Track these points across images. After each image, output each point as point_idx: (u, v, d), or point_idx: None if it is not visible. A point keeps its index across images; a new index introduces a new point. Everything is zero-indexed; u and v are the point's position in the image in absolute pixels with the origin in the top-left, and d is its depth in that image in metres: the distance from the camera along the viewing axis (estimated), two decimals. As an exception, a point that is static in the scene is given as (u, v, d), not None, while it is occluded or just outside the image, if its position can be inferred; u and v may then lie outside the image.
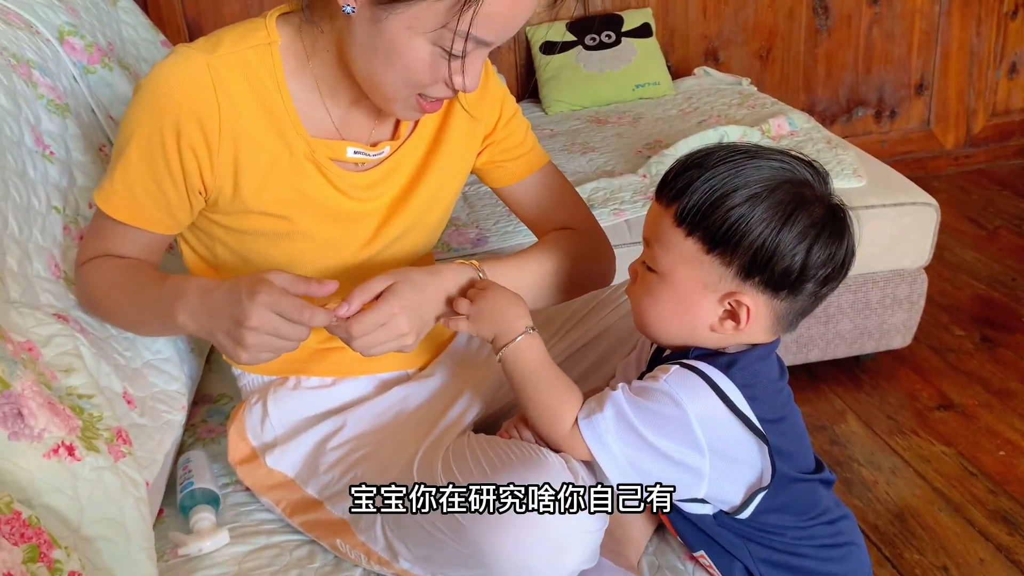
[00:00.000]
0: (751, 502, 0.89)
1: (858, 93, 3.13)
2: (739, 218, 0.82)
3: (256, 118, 0.96)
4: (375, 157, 1.04)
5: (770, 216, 0.82)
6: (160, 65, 0.95)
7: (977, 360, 2.18)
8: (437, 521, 0.91)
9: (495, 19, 0.86)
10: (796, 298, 0.86)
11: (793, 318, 0.89)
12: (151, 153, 0.95)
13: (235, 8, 2.62)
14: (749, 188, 0.82)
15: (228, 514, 1.11)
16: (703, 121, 2.45)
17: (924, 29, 3.08)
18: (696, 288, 0.86)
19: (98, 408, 0.90)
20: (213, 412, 1.33)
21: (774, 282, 0.84)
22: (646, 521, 1.07)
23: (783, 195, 0.83)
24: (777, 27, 2.98)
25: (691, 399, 0.85)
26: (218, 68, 0.93)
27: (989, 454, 1.86)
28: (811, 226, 0.83)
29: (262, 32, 0.97)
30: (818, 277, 0.85)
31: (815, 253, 0.83)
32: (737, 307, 0.85)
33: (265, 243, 1.02)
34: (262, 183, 0.98)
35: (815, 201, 0.84)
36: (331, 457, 1.07)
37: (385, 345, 0.93)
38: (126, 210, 0.99)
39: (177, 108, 0.93)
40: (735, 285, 0.85)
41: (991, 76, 3.19)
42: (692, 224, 0.84)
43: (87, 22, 1.45)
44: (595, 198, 2.02)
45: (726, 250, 0.83)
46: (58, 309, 1.02)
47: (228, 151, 0.96)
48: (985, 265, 2.60)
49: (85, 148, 1.24)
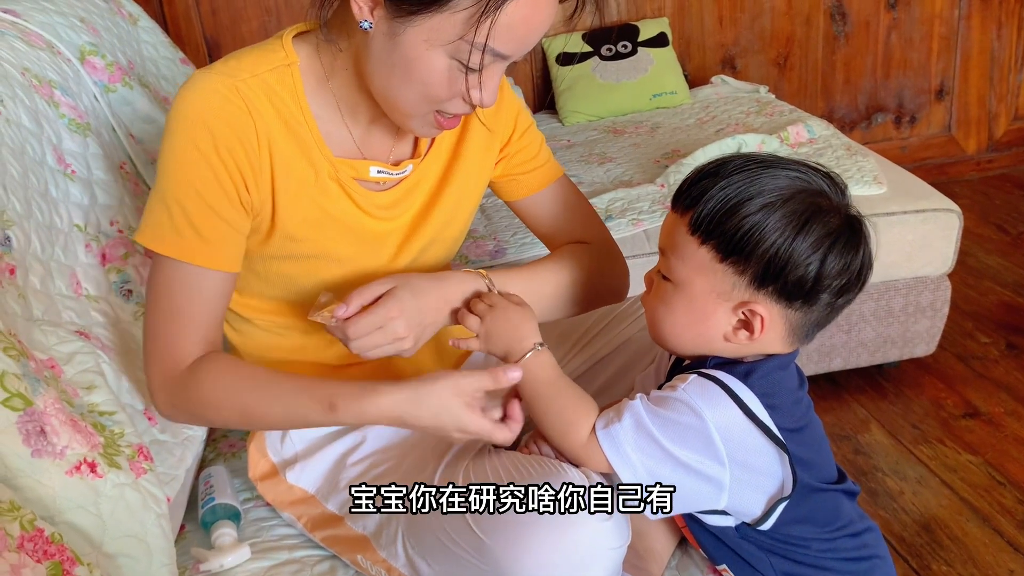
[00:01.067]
0: (772, 512, 0.88)
1: (877, 99, 3.11)
2: (753, 226, 0.82)
3: (283, 139, 0.96)
4: (397, 176, 1.04)
5: (784, 225, 0.81)
6: (186, 94, 0.92)
7: (1003, 367, 2.15)
8: (458, 538, 0.90)
9: (513, 31, 0.86)
10: (811, 308, 0.86)
11: (809, 329, 0.88)
12: (202, 181, 0.92)
13: (253, 26, 2.65)
14: (764, 197, 0.82)
15: (249, 529, 1.11)
16: (721, 130, 2.44)
17: (943, 34, 3.05)
18: (710, 297, 0.86)
19: (119, 425, 0.90)
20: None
21: (788, 291, 0.83)
22: (668, 535, 1.06)
23: (798, 204, 0.82)
24: (794, 34, 2.97)
25: (710, 408, 0.84)
26: (244, 92, 0.93)
27: (1017, 463, 1.83)
28: (826, 236, 0.82)
29: (280, 53, 0.97)
30: (833, 287, 0.84)
31: (830, 263, 0.83)
32: (751, 316, 0.85)
33: (289, 265, 1.02)
34: (292, 204, 0.98)
35: (831, 211, 0.84)
36: (351, 473, 1.07)
37: (382, 348, 0.94)
38: (198, 252, 0.93)
39: (215, 129, 0.91)
40: (749, 294, 0.84)
41: (1012, 80, 3.16)
42: (706, 232, 0.84)
43: (108, 41, 1.47)
44: (613, 208, 2.01)
45: (740, 258, 0.83)
46: (79, 326, 1.03)
47: (266, 170, 0.95)
48: (1010, 271, 2.57)
49: (106, 167, 1.25)
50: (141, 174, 1.35)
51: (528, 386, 0.93)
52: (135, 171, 1.34)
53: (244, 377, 0.96)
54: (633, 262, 1.90)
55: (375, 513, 1.02)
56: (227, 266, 0.96)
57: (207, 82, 0.93)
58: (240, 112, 0.92)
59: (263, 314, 1.07)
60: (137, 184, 1.32)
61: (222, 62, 0.96)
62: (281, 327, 1.08)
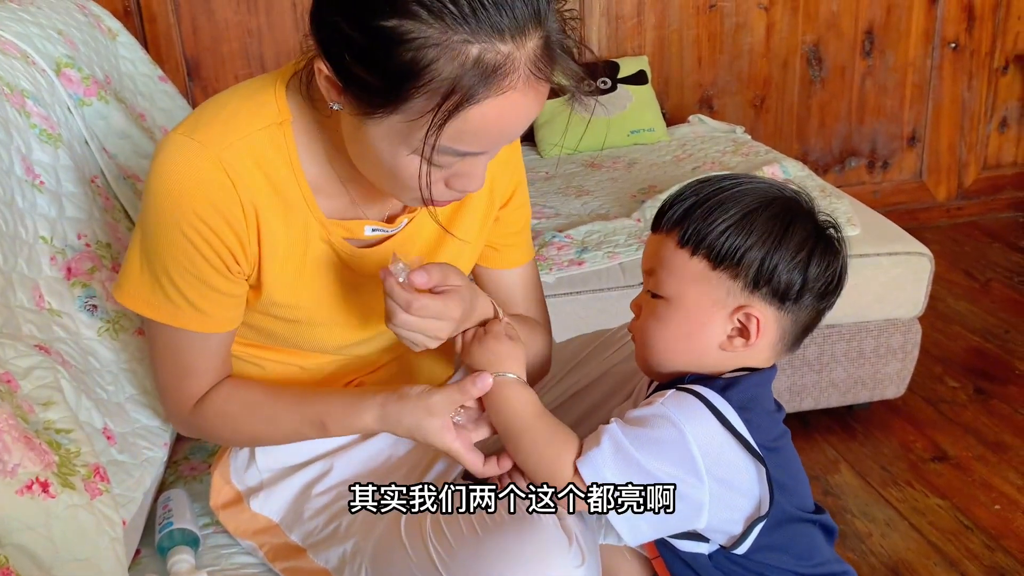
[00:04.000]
0: (749, 533, 0.87)
1: (851, 143, 3.16)
2: (741, 231, 0.85)
3: (272, 207, 0.91)
4: (391, 232, 1.00)
5: (770, 228, 0.85)
6: (167, 167, 0.88)
7: (971, 412, 2.16)
8: (419, 573, 0.89)
9: (483, 133, 0.80)
10: (799, 311, 0.88)
11: (796, 334, 0.91)
12: (190, 261, 0.90)
13: (234, 47, 2.64)
14: (746, 204, 0.86)
15: (208, 556, 1.08)
16: (697, 168, 2.46)
17: (916, 82, 3.12)
18: (706, 306, 0.87)
19: (76, 443, 0.87)
20: (196, 449, 1.30)
21: (780, 292, 0.86)
22: (639, 569, 1.04)
23: (777, 208, 0.87)
24: (771, 77, 3.02)
25: (688, 421, 0.84)
26: (231, 162, 0.88)
27: (984, 508, 1.84)
28: (807, 238, 0.87)
29: (272, 109, 0.91)
30: (818, 289, 0.88)
31: (814, 263, 0.86)
32: (747, 320, 0.87)
33: (276, 323, 1.00)
34: (279, 273, 0.95)
35: (807, 215, 0.89)
36: (316, 503, 1.04)
37: (419, 336, 0.90)
38: (196, 321, 0.93)
39: (198, 209, 0.87)
40: (744, 298, 0.87)
41: (982, 130, 3.22)
42: (696, 243, 0.86)
43: (85, 55, 1.45)
44: (589, 241, 2.02)
45: (732, 263, 0.85)
46: (40, 340, 1.00)
47: (253, 241, 0.92)
48: (978, 317, 2.60)
49: (76, 179, 1.22)
50: (112, 188, 1.33)
51: (502, 418, 0.92)
52: (106, 185, 1.32)
53: (244, 405, 1.00)
54: (608, 295, 1.91)
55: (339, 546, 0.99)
56: (226, 327, 0.97)
57: (189, 156, 0.87)
58: (224, 188, 0.88)
59: (243, 347, 1.05)
60: (108, 199, 1.30)
61: (207, 121, 0.89)
62: (261, 359, 1.06)
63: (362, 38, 0.76)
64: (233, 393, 1.00)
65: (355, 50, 0.77)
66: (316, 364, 1.06)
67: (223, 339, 0.98)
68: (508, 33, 0.75)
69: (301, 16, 2.67)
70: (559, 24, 0.80)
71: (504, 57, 0.76)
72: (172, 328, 0.94)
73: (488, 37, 0.75)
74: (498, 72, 0.76)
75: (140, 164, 1.44)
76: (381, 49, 0.76)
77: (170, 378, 1.00)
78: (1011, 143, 3.26)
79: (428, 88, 0.76)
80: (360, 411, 0.95)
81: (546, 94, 0.82)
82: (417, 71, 0.75)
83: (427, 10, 0.73)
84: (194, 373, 0.98)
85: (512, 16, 0.75)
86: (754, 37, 2.96)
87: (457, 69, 0.75)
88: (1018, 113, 3.23)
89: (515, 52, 0.76)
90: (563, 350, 1.23)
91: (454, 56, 0.75)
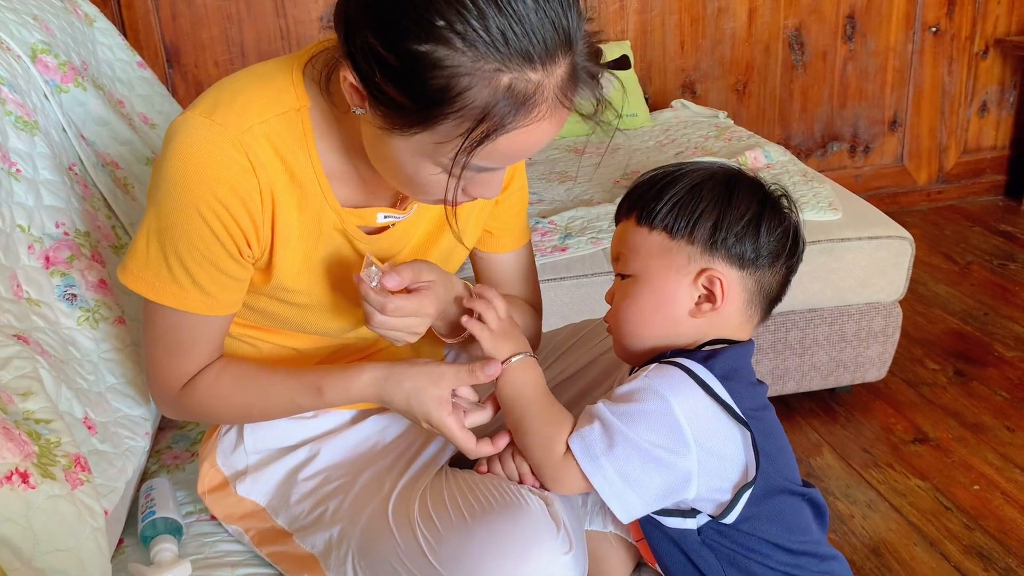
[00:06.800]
0: (738, 501, 0.88)
1: (833, 128, 3.17)
2: (691, 198, 0.91)
3: (288, 192, 0.92)
4: (402, 218, 1.01)
5: (717, 194, 0.91)
6: (187, 146, 0.87)
7: (951, 394, 2.19)
8: (412, 566, 0.89)
9: (501, 155, 0.81)
10: (761, 273, 0.92)
11: (765, 299, 0.94)
12: (203, 242, 0.89)
13: (214, 32, 2.62)
14: (692, 178, 0.92)
15: (191, 545, 1.07)
16: (680, 153, 2.46)
17: (897, 67, 3.13)
18: (671, 275, 0.91)
19: (56, 433, 0.86)
20: (179, 438, 1.30)
21: (736, 252, 0.90)
22: (624, 561, 1.05)
23: (722, 178, 0.93)
24: (754, 62, 3.02)
25: (672, 391, 0.86)
26: (250, 144, 0.87)
27: (964, 488, 1.86)
28: (753, 201, 0.91)
29: (290, 95, 0.90)
30: (772, 248, 0.91)
31: (764, 224, 0.91)
32: (711, 284, 0.90)
33: (280, 307, 1.00)
34: (290, 258, 0.95)
35: (752, 183, 0.94)
36: (303, 488, 1.04)
37: (398, 334, 0.94)
38: (201, 303, 0.93)
39: (216, 190, 0.87)
40: (705, 261, 0.90)
41: (962, 114, 3.24)
42: (651, 219, 0.92)
43: (61, 41, 1.43)
44: (573, 226, 2.02)
45: (687, 228, 0.90)
46: (18, 330, 0.99)
47: (267, 225, 0.92)
48: (958, 299, 2.63)
49: (54, 167, 1.21)
50: (91, 176, 1.31)
51: (508, 393, 0.94)
52: (84, 173, 1.30)
53: (236, 379, 0.99)
54: (592, 280, 1.91)
55: (325, 531, 1.00)
56: (229, 310, 0.96)
57: (210, 137, 0.87)
58: (242, 170, 0.87)
59: (240, 327, 1.05)
60: (86, 186, 1.28)
61: (226, 103, 0.89)
62: (257, 340, 1.06)
63: (394, 59, 0.76)
64: (225, 369, 1.00)
65: (386, 70, 0.77)
66: (312, 346, 1.06)
67: (222, 322, 0.98)
68: (538, 60, 0.76)
69: (281, 1, 2.64)
70: (585, 47, 0.80)
71: (535, 86, 0.77)
72: (174, 310, 0.94)
73: (519, 66, 0.75)
74: (528, 102, 0.77)
75: (119, 151, 1.43)
76: (414, 73, 0.76)
77: (162, 358, 0.99)
78: (991, 127, 3.29)
79: (460, 115, 0.77)
80: (361, 372, 0.96)
81: (567, 117, 0.83)
82: (449, 98, 0.76)
83: (460, 38, 0.73)
84: (188, 354, 0.98)
85: (543, 43, 0.75)
86: (736, 22, 2.96)
87: (488, 97, 0.76)
88: (998, 97, 3.25)
89: (544, 80, 0.77)
90: (551, 339, 1.24)
91: (486, 85, 0.75)
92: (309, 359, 1.06)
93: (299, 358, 1.06)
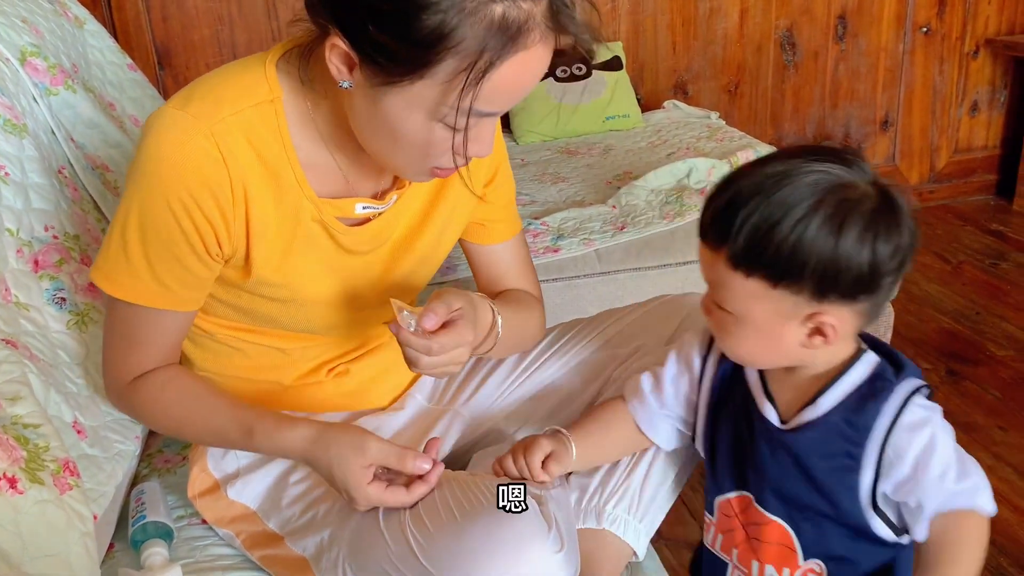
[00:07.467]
0: None
1: (825, 128, 3.17)
2: (793, 248, 0.79)
3: (262, 185, 0.92)
4: (381, 209, 1.01)
5: (824, 234, 0.79)
6: (159, 137, 0.88)
7: (943, 393, 2.19)
8: (404, 568, 0.89)
9: (501, 92, 0.83)
10: (877, 295, 0.84)
11: (878, 309, 0.87)
12: (169, 236, 0.90)
13: (205, 34, 2.61)
14: (793, 212, 0.79)
15: (182, 548, 1.07)
16: (672, 153, 2.46)
17: (888, 67, 3.14)
18: (774, 319, 0.84)
19: (44, 438, 0.86)
20: (170, 442, 1.29)
21: (850, 292, 0.82)
22: (617, 559, 1.05)
23: (829, 208, 0.79)
24: (745, 62, 3.02)
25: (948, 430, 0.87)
26: (222, 135, 0.88)
27: (956, 487, 1.86)
28: (867, 227, 0.80)
29: (263, 87, 0.92)
30: (890, 270, 0.82)
31: (880, 250, 0.80)
32: (821, 326, 0.84)
33: (263, 303, 1.00)
34: (268, 252, 0.95)
35: (862, 199, 0.81)
36: (294, 491, 1.04)
37: (446, 368, 0.93)
38: (157, 297, 0.93)
39: (187, 183, 0.87)
40: (812, 307, 0.83)
41: (953, 113, 3.25)
42: (748, 265, 0.82)
43: (51, 43, 1.42)
44: (565, 228, 2.02)
45: (791, 280, 0.81)
46: (7, 334, 0.98)
47: (240, 220, 0.92)
48: (950, 299, 2.63)
49: (43, 170, 1.20)
50: (80, 179, 1.31)
51: None
52: (74, 176, 1.30)
53: (181, 393, 0.98)
54: (584, 281, 1.91)
55: (316, 534, 0.99)
56: (187, 307, 0.96)
57: (181, 127, 0.87)
58: (215, 164, 0.88)
59: (226, 329, 1.05)
60: (76, 189, 1.28)
61: (200, 96, 0.90)
62: (243, 342, 1.06)
63: (386, 5, 0.78)
64: (174, 379, 0.99)
65: (378, 19, 0.79)
66: (299, 347, 1.06)
67: (178, 319, 0.97)
68: None
69: (273, 3, 2.64)
70: None
71: (526, 14, 0.80)
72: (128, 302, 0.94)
73: None
74: (522, 29, 0.80)
75: (109, 154, 1.42)
76: (407, 15, 0.78)
77: (117, 349, 0.99)
78: (982, 127, 3.30)
79: (459, 51, 0.79)
80: (294, 427, 0.93)
81: (553, 48, 0.85)
82: (445, 34, 0.78)
83: None
84: (141, 347, 0.98)
85: None
86: (728, 22, 2.96)
87: (484, 29, 0.78)
88: (988, 97, 3.26)
89: (533, 8, 0.80)
90: (543, 338, 1.23)
91: (481, 17, 0.78)
92: (296, 360, 1.06)
93: (285, 361, 1.06)
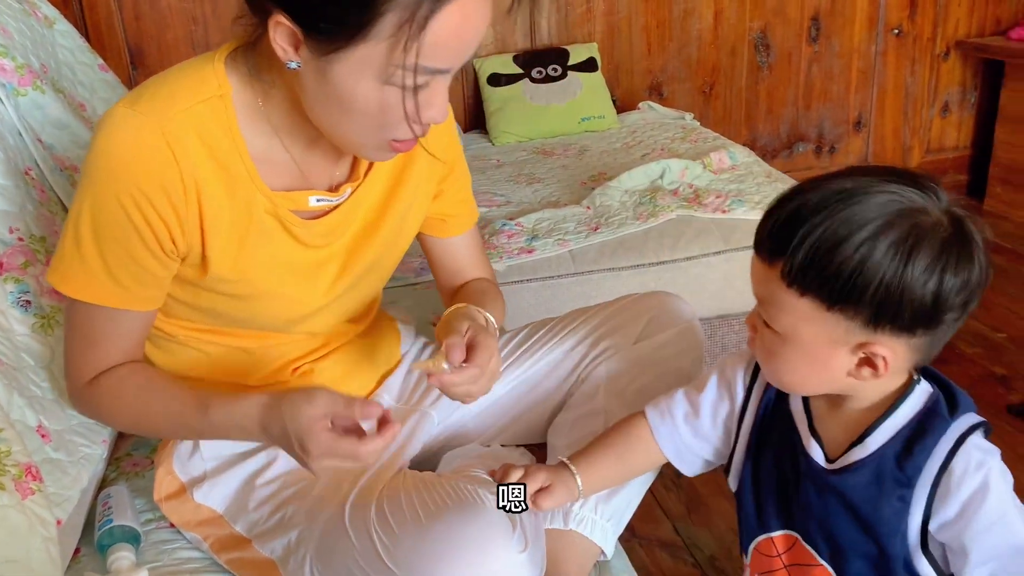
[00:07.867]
0: None
1: (798, 129, 3.20)
2: (855, 269, 0.73)
3: (214, 180, 0.92)
4: (336, 202, 1.01)
5: (889, 259, 0.73)
6: (109, 136, 0.88)
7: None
8: (369, 569, 0.89)
9: (444, 45, 0.83)
10: (936, 330, 0.78)
11: (936, 346, 0.80)
12: (123, 233, 0.90)
13: (179, 34, 2.60)
14: (859, 233, 0.73)
15: (149, 552, 1.06)
16: (647, 155, 2.47)
17: (861, 68, 3.17)
18: (823, 344, 0.79)
19: (6, 443, 0.85)
20: (139, 445, 1.29)
21: (908, 324, 0.76)
22: (584, 559, 1.05)
23: (898, 232, 0.73)
24: (720, 64, 3.04)
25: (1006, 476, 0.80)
26: (172, 132, 0.88)
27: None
28: (937, 256, 0.74)
29: (212, 83, 0.92)
30: (955, 305, 0.76)
31: (948, 283, 0.74)
32: (872, 357, 0.78)
33: (223, 300, 0.99)
34: (223, 248, 0.95)
35: (935, 226, 0.75)
36: (261, 494, 1.04)
37: (493, 381, 0.96)
38: (114, 296, 0.93)
39: (138, 180, 0.87)
40: (865, 335, 0.77)
41: (925, 114, 3.29)
42: (804, 283, 0.76)
43: (19, 43, 1.41)
44: (540, 228, 2.02)
45: (848, 304, 0.75)
46: (-30, 338, 0.98)
47: (194, 216, 0.92)
48: (921, 298, 2.66)
49: (8, 171, 1.19)
50: (48, 180, 1.30)
51: None
52: (41, 177, 1.29)
53: (139, 387, 0.97)
54: (558, 282, 1.92)
55: (283, 536, 0.99)
56: (145, 306, 0.96)
57: (131, 125, 0.88)
58: (165, 160, 0.88)
59: (188, 331, 1.05)
60: (43, 191, 1.27)
61: (150, 95, 0.90)
62: (205, 343, 1.05)
63: None
64: (133, 373, 0.99)
65: None
66: (262, 346, 1.06)
67: (137, 319, 0.97)
68: None
69: (247, 3, 2.63)
70: None
71: None
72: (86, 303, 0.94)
73: None
74: None
75: (79, 155, 1.41)
76: None
77: (76, 349, 0.99)
78: (953, 127, 3.34)
79: (396, 3, 0.79)
80: (248, 396, 0.92)
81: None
82: None
83: None
84: (100, 347, 0.98)
85: None
86: (703, 24, 2.98)
87: None
88: (959, 98, 3.30)
89: None
90: (512, 338, 1.24)
91: None
92: (259, 360, 1.06)
93: (249, 361, 1.06)
